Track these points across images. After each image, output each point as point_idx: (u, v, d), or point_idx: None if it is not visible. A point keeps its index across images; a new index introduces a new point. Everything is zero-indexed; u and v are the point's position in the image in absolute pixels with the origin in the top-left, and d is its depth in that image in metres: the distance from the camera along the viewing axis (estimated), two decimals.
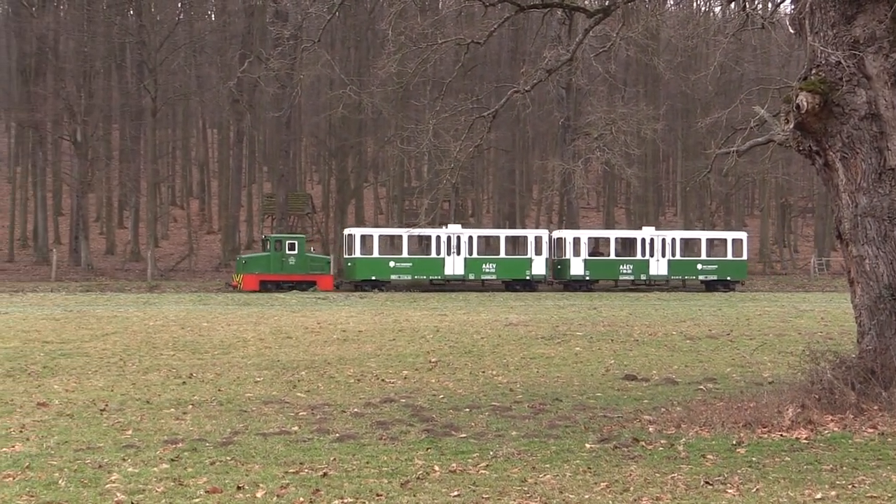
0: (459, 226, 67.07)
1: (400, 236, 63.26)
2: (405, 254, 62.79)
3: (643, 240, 65.63)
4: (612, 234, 68.75)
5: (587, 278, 64.29)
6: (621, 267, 65.21)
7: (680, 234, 68.00)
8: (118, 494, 11.80)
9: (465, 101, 29.90)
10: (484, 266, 63.67)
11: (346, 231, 65.51)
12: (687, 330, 33.09)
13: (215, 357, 26.15)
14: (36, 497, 11.72)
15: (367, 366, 24.34)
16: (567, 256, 64.52)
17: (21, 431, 15.86)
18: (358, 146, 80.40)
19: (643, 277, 65.52)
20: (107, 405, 18.42)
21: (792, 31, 18.65)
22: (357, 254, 62.11)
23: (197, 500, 11.65)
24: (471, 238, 64.01)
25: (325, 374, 22.95)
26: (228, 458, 13.81)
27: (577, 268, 64.24)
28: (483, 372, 23.39)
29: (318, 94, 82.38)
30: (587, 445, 14.56)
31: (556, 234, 66.98)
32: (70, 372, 23.27)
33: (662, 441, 14.75)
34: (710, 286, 65.65)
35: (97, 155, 77.53)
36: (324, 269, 62.19)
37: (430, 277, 63.50)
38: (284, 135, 75.01)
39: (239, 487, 12.08)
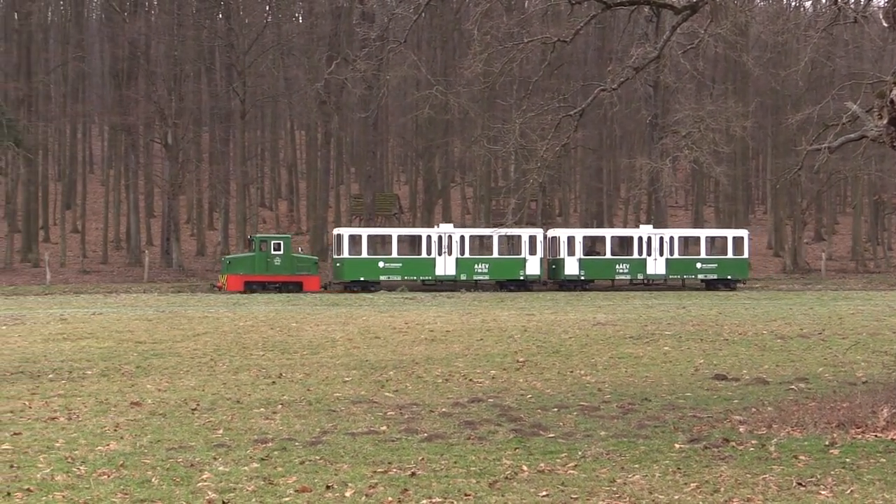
0: (451, 225, 66.28)
1: (389, 236, 62.77)
2: (395, 254, 61.79)
3: (640, 238, 64.26)
4: (608, 233, 67.33)
5: (582, 278, 63.15)
6: (617, 266, 63.91)
7: (678, 233, 66.68)
8: (209, 493, 11.92)
9: (552, 100, 29.77)
10: (476, 266, 62.50)
11: (335, 231, 64.73)
12: (777, 329, 32.69)
13: (304, 357, 26.32)
14: (130, 495, 11.88)
15: (455, 365, 24.35)
16: (561, 256, 63.48)
17: (115, 430, 16.07)
18: (444, 146, 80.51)
19: (640, 277, 64.28)
20: (198, 404, 18.62)
21: (886, 24, 18.32)
22: (345, 254, 61.06)
23: (286, 499, 11.73)
24: (462, 238, 62.86)
25: (413, 373, 23.00)
26: (317, 457, 13.89)
27: (571, 267, 63.12)
28: (571, 372, 23.30)
29: (404, 95, 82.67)
30: (676, 446, 14.45)
31: (551, 233, 65.75)
32: (162, 372, 23.56)
33: (753, 441, 14.60)
34: (710, 285, 64.34)
35: (188, 157, 78.42)
36: (311, 270, 60.71)
37: (421, 278, 62.52)
38: (371, 136, 75.33)
39: (328, 487, 12.15)
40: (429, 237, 62.26)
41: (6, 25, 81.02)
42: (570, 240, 63.48)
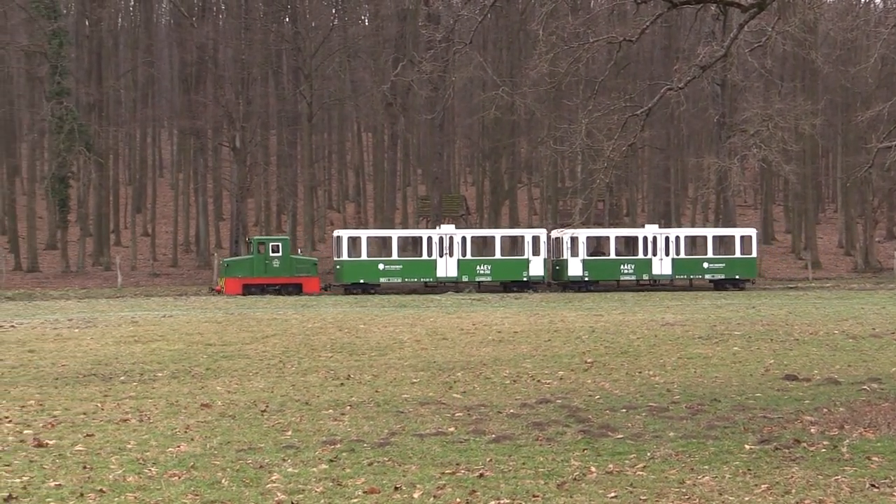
0: (452, 226, 65.67)
1: (389, 238, 62.34)
2: (395, 256, 61.31)
3: (645, 238, 63.31)
4: (613, 233, 66.13)
5: (586, 279, 62.33)
6: (622, 267, 62.99)
7: (684, 232, 65.58)
8: (279, 494, 12.00)
9: (618, 100, 29.65)
10: (478, 268, 61.86)
11: (335, 233, 64.24)
12: (849, 329, 32.33)
13: (372, 359, 26.41)
14: (200, 496, 11.99)
15: (523, 367, 24.32)
16: (564, 257, 62.70)
17: (186, 432, 16.21)
18: (511, 147, 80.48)
19: (646, 277, 63.37)
20: (267, 406, 18.74)
21: None
22: (345, 256, 60.67)
23: (355, 500, 11.78)
24: (464, 238, 62.30)
25: (480, 375, 23.00)
26: (386, 458, 13.93)
27: (574, 268, 62.31)
28: (639, 372, 23.19)
29: (470, 96, 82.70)
30: (746, 447, 14.34)
31: (554, 233, 64.97)
32: (232, 374, 23.73)
33: (825, 442, 14.45)
34: (718, 285, 63.38)
35: (255, 160, 79.00)
36: (310, 272, 60.42)
37: (421, 280, 62.14)
38: (438, 137, 75.47)
39: (396, 488, 12.19)
40: (429, 238, 61.87)
41: (78, 31, 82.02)
42: (574, 240, 62.50)
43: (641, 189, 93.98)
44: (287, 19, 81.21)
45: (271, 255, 59.48)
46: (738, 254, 63.65)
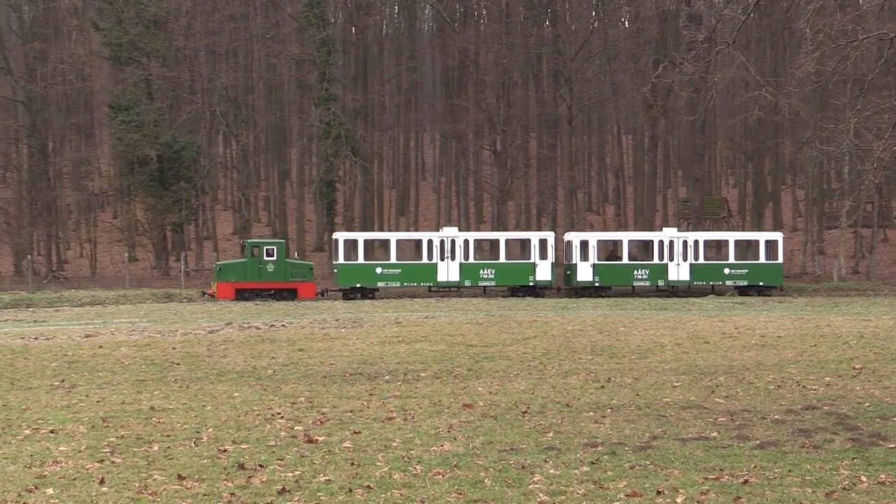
0: (455, 229, 63.75)
1: (388, 241, 60.58)
2: (394, 259, 59.29)
3: (661, 242, 60.18)
4: (625, 237, 63.31)
5: (596, 284, 59.69)
6: (636, 272, 59.92)
7: (704, 236, 61.94)
8: (541, 495, 12.09)
9: (889, 98, 28.73)
10: (481, 272, 59.38)
11: (333, 235, 62.64)
12: None
13: (633, 361, 26.28)
14: (464, 495, 12.18)
15: (788, 372, 23.79)
16: (574, 261, 60.08)
17: (449, 431, 16.47)
18: (774, 148, 78.77)
19: (661, 283, 60.01)
20: (528, 408, 18.86)
21: None
22: (341, 259, 59.02)
23: (617, 503, 11.77)
24: (466, 242, 59.91)
25: (743, 379, 22.61)
26: (647, 462, 13.86)
27: (584, 273, 59.71)
28: None
29: (732, 97, 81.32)
30: None
31: (566, 237, 62.41)
32: (493, 375, 23.98)
33: None
34: (743, 292, 59.45)
35: (516, 163, 79.73)
36: (306, 277, 58.20)
37: (422, 284, 59.94)
38: (699, 139, 74.51)
39: (658, 492, 12.12)
40: (430, 241, 59.88)
41: (345, 40, 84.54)
42: (584, 244, 60.20)
43: None
44: (547, 23, 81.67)
45: (265, 259, 57.65)
46: (762, 259, 60.44)
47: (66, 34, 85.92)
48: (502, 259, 60.31)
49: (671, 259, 60.09)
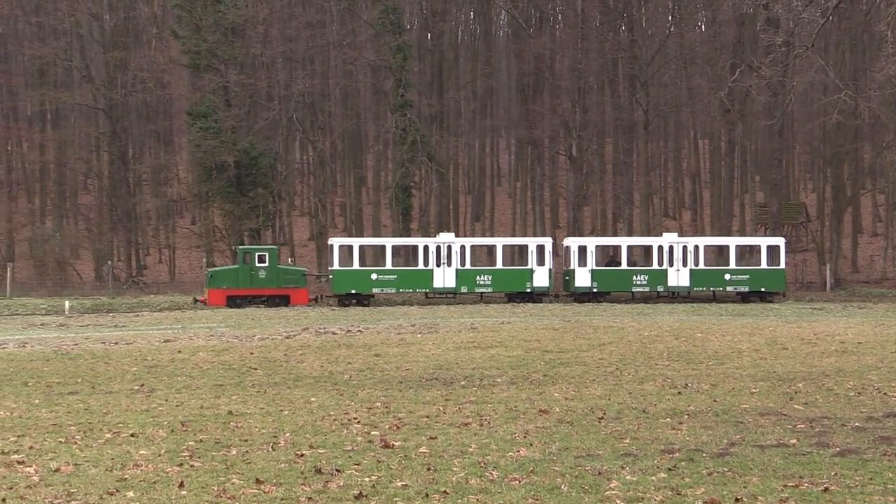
0: (451, 234, 62.81)
1: (384, 246, 59.60)
2: (389, 265, 58.45)
3: (661, 247, 59.00)
4: (625, 242, 62.21)
5: (594, 290, 58.57)
6: (635, 277, 58.87)
7: (704, 241, 60.63)
8: (618, 501, 12.05)
9: None
10: (478, 278, 58.46)
11: (329, 241, 61.49)
12: None
13: (710, 367, 26.11)
14: (540, 500, 12.17)
15: (868, 378, 23.50)
16: (572, 266, 59.08)
17: (525, 437, 16.46)
18: (854, 152, 77.75)
19: (661, 289, 58.91)
20: (604, 413, 18.81)
21: None
22: (336, 265, 57.95)
23: None
24: (463, 247, 58.97)
25: (822, 386, 22.37)
26: (725, 469, 13.77)
27: (582, 279, 58.68)
28: None
29: (811, 101, 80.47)
30: None
31: (565, 242, 61.31)
32: (569, 380, 23.94)
33: None
34: (745, 298, 58.29)
35: (591, 168, 79.54)
36: (298, 283, 57.55)
37: (417, 290, 59.14)
38: (777, 143, 73.76)
39: (737, 499, 12.04)
40: (426, 247, 58.96)
41: (420, 46, 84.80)
42: (582, 249, 59.30)
43: None
44: (623, 28, 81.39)
45: (257, 265, 57.14)
46: (764, 265, 59.25)
47: (145, 42, 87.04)
48: (499, 265, 59.99)
49: (671, 265, 59.42)
